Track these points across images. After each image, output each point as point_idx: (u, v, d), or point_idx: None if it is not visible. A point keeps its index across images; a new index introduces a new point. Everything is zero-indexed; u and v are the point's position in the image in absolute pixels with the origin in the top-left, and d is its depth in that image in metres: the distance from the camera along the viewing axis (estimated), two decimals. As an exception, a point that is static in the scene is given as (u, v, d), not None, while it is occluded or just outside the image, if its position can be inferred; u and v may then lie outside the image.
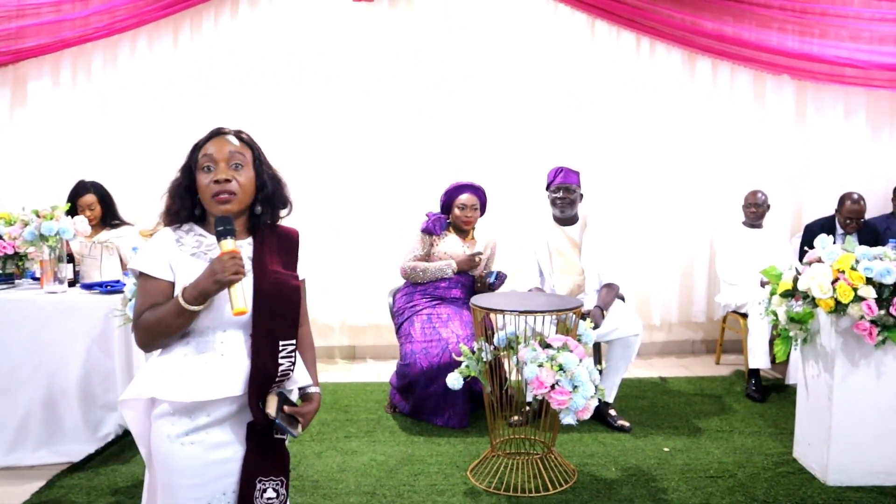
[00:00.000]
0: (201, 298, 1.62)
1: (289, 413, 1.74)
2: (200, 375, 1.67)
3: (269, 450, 1.75)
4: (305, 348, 1.91)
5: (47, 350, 3.24)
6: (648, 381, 4.54)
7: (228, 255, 1.62)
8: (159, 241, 1.74)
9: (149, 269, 1.71)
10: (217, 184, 1.69)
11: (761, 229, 4.71)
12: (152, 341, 1.69)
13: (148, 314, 1.67)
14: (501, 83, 5.09)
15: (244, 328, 1.72)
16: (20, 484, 2.98)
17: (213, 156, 1.71)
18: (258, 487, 1.71)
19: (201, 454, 1.67)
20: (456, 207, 3.92)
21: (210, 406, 1.68)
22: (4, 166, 5.05)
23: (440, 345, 3.60)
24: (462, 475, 3.04)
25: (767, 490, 2.88)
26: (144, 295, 1.71)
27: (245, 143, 1.77)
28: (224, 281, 1.60)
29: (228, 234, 1.65)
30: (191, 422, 1.66)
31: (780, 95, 5.18)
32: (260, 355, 1.69)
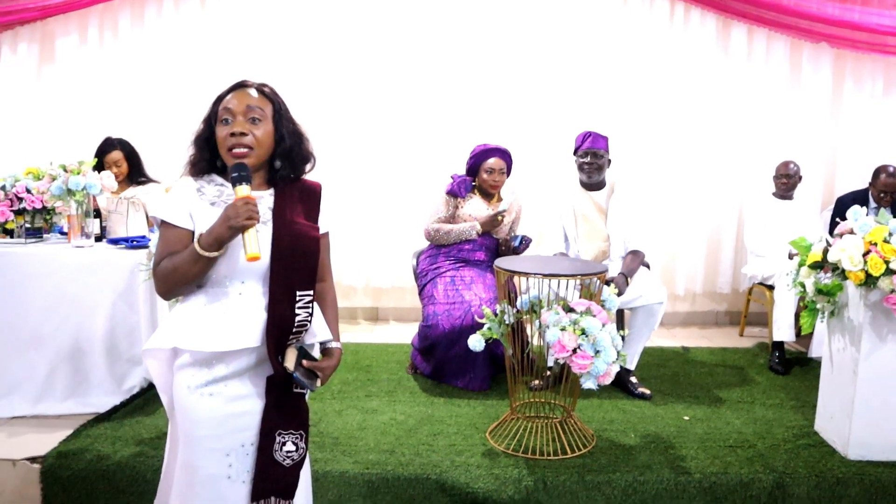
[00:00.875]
0: (216, 245, 1.63)
1: (308, 367, 1.74)
2: (218, 326, 1.68)
3: (289, 403, 1.76)
4: (328, 304, 1.92)
5: (74, 304, 3.28)
6: (671, 350, 4.52)
7: (242, 201, 1.61)
8: (180, 190, 1.76)
9: (169, 216, 1.72)
10: (233, 136, 1.69)
11: (792, 201, 4.62)
12: (170, 289, 1.71)
13: (166, 262, 1.69)
14: (532, 46, 5.02)
15: (262, 278, 1.72)
16: (48, 432, 3.05)
17: (232, 109, 1.71)
18: (277, 440, 1.72)
19: (221, 406, 1.69)
20: (483, 171, 3.88)
21: (229, 357, 1.69)
22: (33, 122, 5.09)
23: (463, 307, 3.60)
24: (481, 437, 3.05)
25: (787, 462, 2.86)
26: (164, 243, 1.72)
27: (266, 97, 1.76)
28: (237, 226, 1.60)
29: (243, 181, 1.65)
30: (210, 373, 1.68)
31: (817, 65, 5.05)
32: (277, 305, 1.69)
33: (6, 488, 2.81)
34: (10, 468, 2.81)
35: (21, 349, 3.30)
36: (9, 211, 3.42)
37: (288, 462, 1.74)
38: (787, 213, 4.55)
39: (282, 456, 1.73)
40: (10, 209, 3.42)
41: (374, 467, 2.73)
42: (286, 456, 1.74)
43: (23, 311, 3.28)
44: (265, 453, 1.71)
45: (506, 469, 2.74)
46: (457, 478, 2.69)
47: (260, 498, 1.72)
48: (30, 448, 2.90)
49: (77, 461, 2.78)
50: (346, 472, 2.70)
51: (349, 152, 5.08)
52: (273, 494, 1.73)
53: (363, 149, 5.09)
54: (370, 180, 5.11)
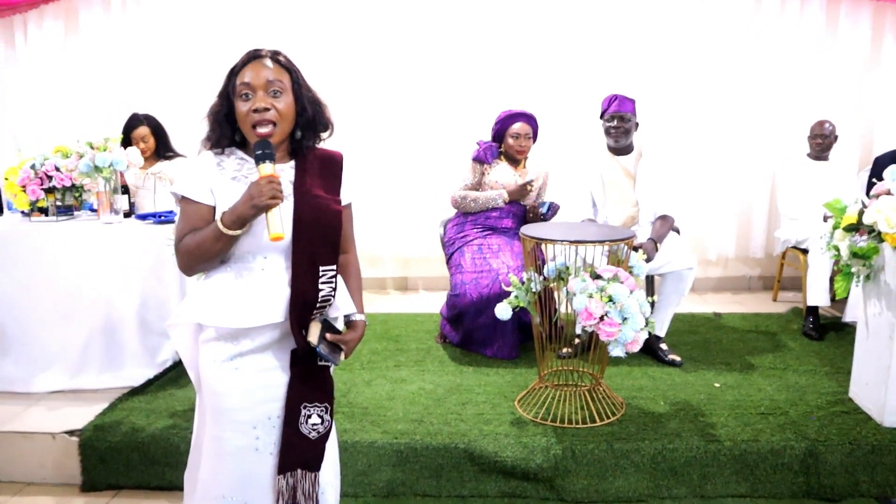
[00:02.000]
0: (239, 223, 1.62)
1: (331, 341, 1.74)
2: (242, 301, 1.68)
3: (314, 376, 1.76)
4: (351, 275, 1.91)
5: (105, 279, 3.33)
6: (702, 316, 4.46)
7: (266, 180, 1.60)
8: (200, 165, 1.74)
9: (189, 192, 1.70)
10: (256, 113, 1.66)
11: (827, 162, 4.49)
12: (192, 265, 1.71)
13: (188, 238, 1.68)
14: (558, 7, 4.91)
15: (284, 253, 1.71)
16: (85, 406, 3.12)
17: (251, 83, 1.66)
18: (303, 413, 1.73)
19: (246, 378, 1.70)
20: (509, 136, 3.83)
21: (253, 332, 1.70)
22: (61, 98, 5.15)
23: (490, 275, 3.58)
24: (509, 405, 3.05)
25: (820, 429, 2.81)
26: (185, 219, 1.71)
27: (283, 67, 1.72)
28: (261, 205, 1.58)
29: (267, 158, 1.63)
30: (235, 347, 1.69)
31: (856, 19, 4.87)
32: (300, 280, 1.69)
33: (47, 461, 2.89)
34: (49, 441, 2.89)
35: (57, 325, 3.36)
36: (39, 189, 3.46)
37: (314, 434, 1.75)
38: (822, 175, 4.43)
39: (307, 428, 1.74)
40: (40, 187, 3.46)
41: (403, 437, 2.75)
42: (312, 428, 1.75)
43: (57, 287, 3.33)
44: (291, 426, 1.72)
45: (534, 438, 2.74)
46: (485, 446, 2.70)
47: (286, 470, 1.73)
48: (68, 421, 2.97)
49: (113, 434, 2.84)
50: (374, 441, 2.73)
51: (375, 120, 5.06)
52: (299, 466, 1.74)
53: (389, 117, 5.06)
54: (396, 148, 5.08)
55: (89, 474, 2.83)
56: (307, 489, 1.76)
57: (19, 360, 3.39)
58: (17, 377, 3.37)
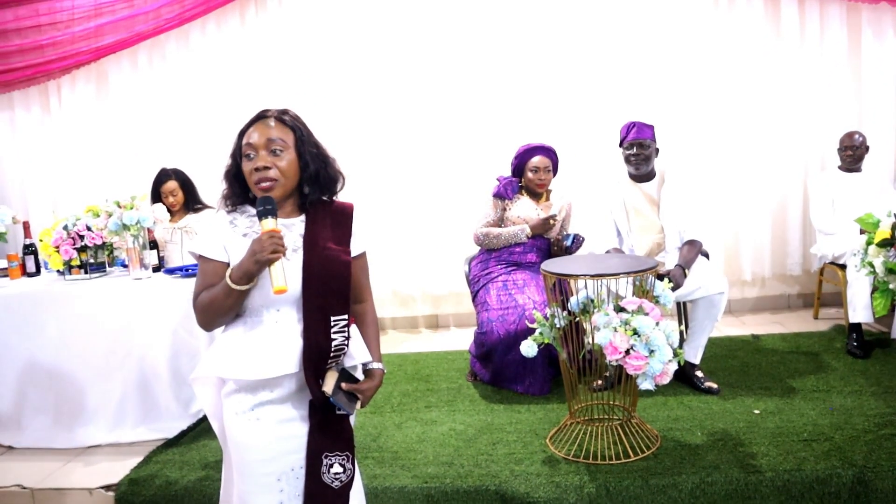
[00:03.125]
0: (246, 278, 1.66)
1: (347, 390, 1.76)
2: (257, 353, 1.71)
3: (333, 425, 1.78)
4: (368, 324, 1.96)
5: (138, 333, 3.39)
6: (739, 339, 4.35)
7: (267, 235, 1.64)
8: (214, 224, 1.81)
9: (205, 251, 1.76)
10: (258, 171, 1.72)
11: (860, 173, 4.38)
12: (208, 321, 1.75)
13: (203, 295, 1.73)
14: (571, 39, 4.92)
15: (296, 305, 1.75)
16: (121, 459, 3.17)
17: (253, 143, 1.73)
18: (325, 462, 1.75)
19: (267, 430, 1.72)
20: (528, 170, 3.82)
21: (271, 383, 1.73)
22: (94, 157, 5.31)
23: (517, 311, 3.55)
24: (541, 443, 3.00)
25: (868, 454, 2.69)
26: (202, 276, 1.77)
27: (285, 126, 1.77)
28: (263, 260, 1.62)
29: (269, 214, 1.67)
30: (254, 398, 1.72)
31: (879, 27, 4.76)
32: (312, 331, 1.72)
33: (84, 517, 2.93)
34: (87, 497, 2.93)
35: (94, 380, 3.44)
36: (72, 249, 3.56)
37: (336, 484, 1.76)
38: (855, 187, 4.32)
39: (330, 478, 1.75)
40: (73, 247, 3.56)
41: (433, 480, 2.72)
42: (334, 478, 1.76)
43: (93, 344, 3.41)
44: (314, 476, 1.73)
45: (567, 476, 2.68)
46: (517, 487, 2.65)
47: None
48: (104, 476, 3.02)
49: (147, 487, 2.87)
50: (404, 486, 2.70)
51: (397, 162, 5.10)
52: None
53: (411, 157, 5.10)
54: (419, 188, 5.11)
55: (126, 529, 2.86)
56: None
57: (59, 415, 3.47)
58: (56, 433, 3.45)
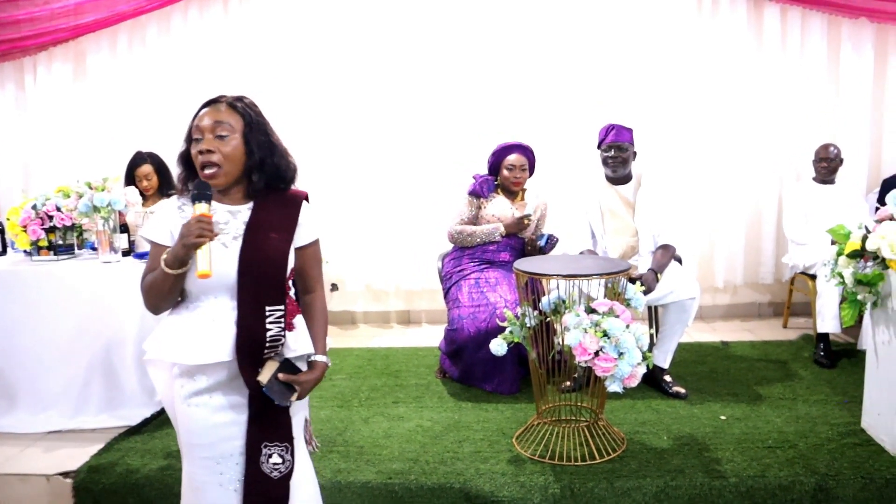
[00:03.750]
0: (177, 262, 1.67)
1: (284, 381, 1.75)
2: (193, 339, 1.73)
3: (271, 416, 1.78)
4: (315, 315, 1.94)
5: (105, 318, 3.33)
6: (709, 345, 4.38)
7: (196, 218, 1.64)
8: (164, 209, 1.84)
9: (152, 235, 1.80)
10: (202, 154, 1.74)
11: (833, 185, 4.42)
12: (152, 304, 1.78)
13: (147, 278, 1.77)
14: (553, 38, 4.92)
15: (231, 293, 1.75)
16: (81, 446, 3.10)
17: (201, 126, 1.75)
18: (264, 452, 1.76)
19: (206, 416, 1.74)
20: (504, 168, 3.81)
21: (207, 369, 1.74)
22: (69, 138, 5.22)
23: (488, 310, 3.54)
24: (508, 442, 2.99)
25: (830, 462, 2.72)
26: (150, 260, 1.80)
27: (236, 112, 1.78)
28: (189, 244, 1.63)
29: (202, 199, 1.68)
30: (194, 383, 1.74)
31: (858, 42, 4.81)
32: (245, 321, 1.73)
33: (41, 503, 2.86)
34: (44, 483, 2.87)
35: (58, 364, 3.37)
36: (40, 229, 3.48)
37: (276, 474, 1.77)
38: (828, 199, 4.36)
39: (269, 468, 1.76)
40: (41, 227, 3.49)
41: (398, 476, 2.70)
42: (273, 468, 1.76)
43: (58, 327, 3.34)
44: (253, 465, 1.75)
45: (532, 476, 2.68)
46: (481, 486, 2.63)
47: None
48: (63, 463, 2.96)
49: (108, 475, 2.82)
50: (368, 482, 2.67)
51: (374, 155, 5.07)
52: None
53: (387, 152, 5.07)
54: (396, 183, 5.09)
55: (83, 517, 2.80)
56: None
57: (19, 399, 3.40)
58: (17, 418, 3.37)
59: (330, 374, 3.98)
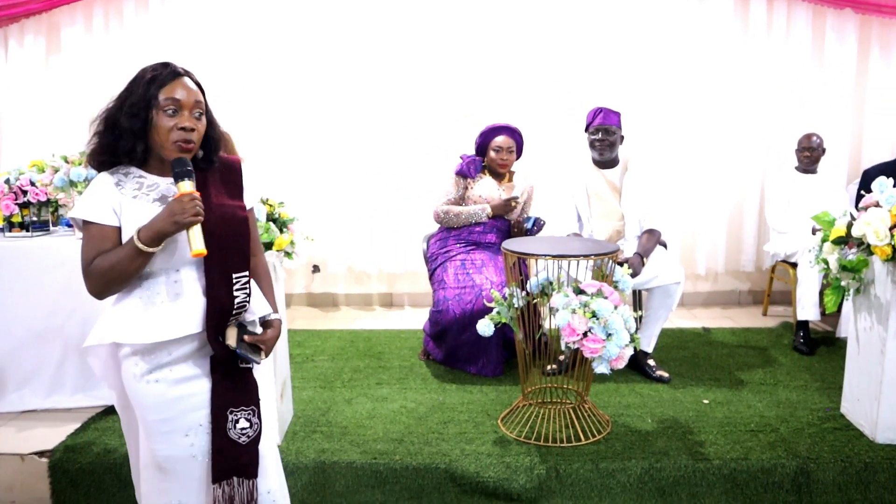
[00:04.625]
0: (158, 240, 1.62)
1: (250, 342, 1.76)
2: (158, 316, 1.69)
3: (236, 380, 1.78)
4: (261, 277, 1.94)
5: (80, 296, 3.19)
6: (691, 331, 4.40)
7: (189, 197, 1.62)
8: (99, 187, 1.71)
9: (92, 216, 1.69)
10: (183, 131, 1.67)
11: (815, 175, 4.45)
12: (107, 287, 1.69)
13: (100, 261, 1.66)
14: (542, 22, 4.88)
15: (197, 265, 1.74)
16: (57, 426, 3.03)
17: (181, 101, 1.67)
18: (230, 418, 1.75)
19: (166, 390, 1.71)
20: (491, 150, 3.78)
21: (171, 345, 1.71)
22: (42, 113, 5.09)
23: (473, 291, 3.52)
24: (493, 424, 2.98)
25: (811, 446, 2.75)
26: (91, 242, 1.69)
27: (201, 89, 1.75)
28: (184, 222, 1.60)
29: (187, 176, 1.65)
30: (151, 360, 1.70)
31: (842, 33, 4.84)
32: (214, 290, 1.72)
33: (15, 483, 2.80)
34: (18, 463, 2.80)
35: (32, 343, 3.27)
36: (13, 204, 3.39)
37: (244, 439, 1.76)
38: (810, 188, 4.39)
39: (236, 433, 1.75)
40: (14, 202, 3.39)
41: (382, 457, 2.68)
42: (241, 433, 1.75)
43: (32, 305, 3.24)
44: (220, 432, 1.74)
45: (517, 457, 2.67)
46: (466, 467, 2.62)
47: (221, 479, 1.74)
48: (38, 442, 2.89)
49: (84, 455, 2.77)
50: (353, 462, 2.65)
51: (357, 137, 5.01)
52: (234, 474, 1.75)
53: (371, 132, 5.01)
54: (380, 163, 5.03)
55: (59, 497, 2.75)
56: (244, 497, 1.77)
57: (-9, 378, 3.30)
58: (-12, 397, 3.28)
59: (312, 355, 3.94)
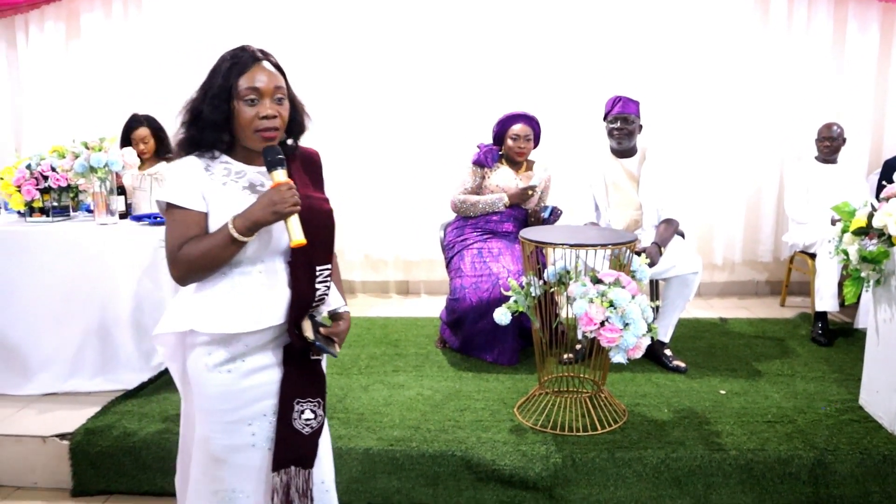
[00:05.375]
0: (254, 229, 1.59)
1: (325, 334, 1.76)
2: (242, 306, 1.66)
3: (307, 372, 1.76)
4: (333, 269, 1.89)
5: (100, 281, 3.28)
6: (707, 321, 4.39)
7: (286, 186, 1.58)
8: (188, 171, 1.67)
9: (181, 200, 1.64)
10: (266, 119, 1.63)
11: (835, 165, 4.41)
12: (195, 275, 1.64)
13: (190, 247, 1.61)
14: (559, 10, 4.85)
15: (282, 256, 1.72)
16: (77, 409, 3.07)
17: (261, 88, 1.62)
18: (296, 409, 1.74)
19: (238, 380, 1.69)
20: (508, 138, 3.77)
21: (248, 336, 1.68)
22: (62, 99, 5.13)
23: (490, 280, 3.52)
24: (509, 412, 2.98)
25: (829, 438, 2.73)
26: (179, 227, 1.64)
27: (282, 73, 1.70)
28: (284, 212, 1.57)
29: (279, 165, 1.61)
30: (227, 351, 1.68)
31: (864, 22, 4.79)
32: (299, 283, 1.69)
33: (37, 464, 2.84)
34: (40, 444, 2.84)
35: (51, 326, 3.32)
36: (35, 189, 3.42)
37: (307, 430, 1.75)
38: (830, 178, 4.35)
39: (301, 424, 1.74)
40: (35, 188, 3.42)
41: (399, 444, 2.69)
42: (305, 423, 1.75)
43: (52, 289, 3.29)
44: (284, 422, 1.72)
45: (533, 446, 2.68)
46: (483, 454, 2.63)
47: (281, 467, 1.73)
48: (59, 425, 2.93)
49: (105, 438, 2.80)
50: (370, 448, 2.66)
51: (378, 124, 5.01)
52: (293, 463, 1.75)
53: (392, 120, 5.01)
54: (399, 151, 5.04)
55: (80, 479, 2.79)
56: (300, 486, 1.76)
57: (12, 361, 3.34)
58: (10, 379, 3.33)
59: (328, 342, 3.96)
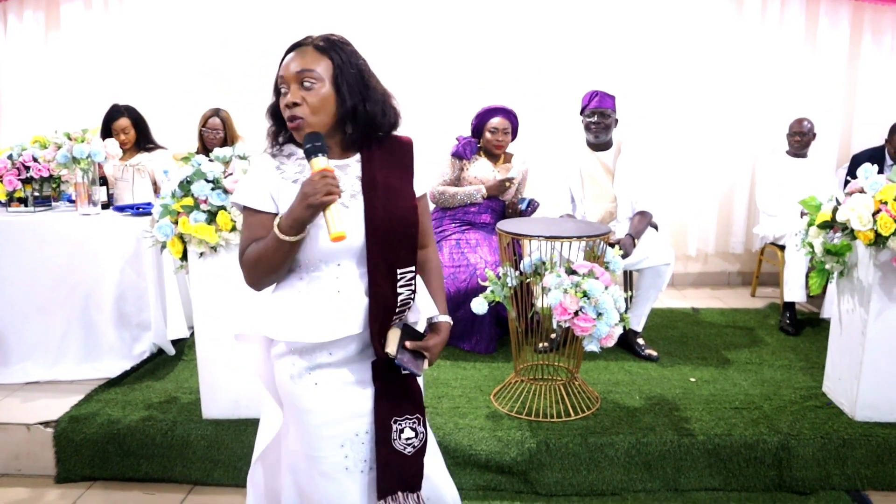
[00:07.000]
0: (297, 227, 1.45)
1: (412, 349, 1.59)
2: (315, 313, 1.54)
3: (400, 387, 1.62)
4: (431, 272, 1.75)
5: (83, 271, 3.32)
6: (680, 311, 4.50)
7: (319, 175, 1.42)
8: (259, 171, 1.58)
9: (250, 201, 1.55)
10: (288, 108, 1.50)
11: (806, 159, 4.53)
12: (258, 279, 1.55)
13: (250, 250, 1.53)
14: (535, 5, 4.91)
15: (358, 259, 1.56)
16: (61, 397, 3.10)
17: (284, 76, 1.51)
18: (395, 428, 1.59)
19: (327, 394, 1.57)
20: (487, 131, 3.84)
21: (330, 345, 1.57)
22: (41, 90, 5.11)
23: (468, 270, 3.60)
24: (485, 399, 3.07)
25: (792, 423, 2.85)
26: (247, 229, 1.56)
27: (322, 52, 1.52)
28: (316, 203, 1.40)
29: (319, 152, 1.45)
30: (311, 361, 1.57)
31: (835, 18, 4.90)
32: (378, 288, 1.53)
33: (21, 452, 2.87)
34: (24, 432, 2.87)
35: (35, 316, 3.36)
36: (16, 180, 3.44)
37: (409, 450, 1.61)
38: (800, 172, 4.47)
39: (402, 444, 1.60)
40: (17, 178, 3.44)
41: (379, 430, 2.75)
42: (406, 443, 1.60)
43: (35, 279, 3.32)
44: (385, 444, 1.58)
45: (509, 431, 2.76)
46: (460, 440, 2.71)
47: (387, 495, 1.59)
48: (43, 413, 2.96)
49: (89, 425, 2.84)
50: (350, 434, 2.73)
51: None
52: (399, 489, 1.60)
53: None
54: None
55: (64, 466, 2.82)
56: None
57: (-5, 349, 3.37)
58: (-7, 369, 3.35)
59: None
